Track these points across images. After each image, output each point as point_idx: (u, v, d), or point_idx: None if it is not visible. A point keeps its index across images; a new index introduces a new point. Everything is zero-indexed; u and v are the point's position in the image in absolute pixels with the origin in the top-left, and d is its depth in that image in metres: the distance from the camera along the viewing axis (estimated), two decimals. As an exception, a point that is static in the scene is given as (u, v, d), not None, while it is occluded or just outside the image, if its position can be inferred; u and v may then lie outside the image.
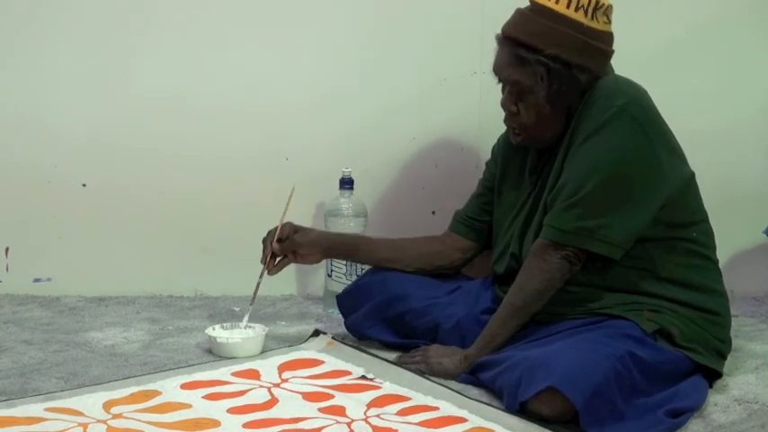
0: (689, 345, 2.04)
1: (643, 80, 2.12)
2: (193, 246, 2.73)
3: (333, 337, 2.31)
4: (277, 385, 2.04)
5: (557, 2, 2.07)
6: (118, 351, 2.27)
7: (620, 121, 2.03)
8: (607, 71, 2.12)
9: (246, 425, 1.84)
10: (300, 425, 1.85)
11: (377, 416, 1.89)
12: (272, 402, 1.96)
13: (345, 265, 2.56)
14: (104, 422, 1.83)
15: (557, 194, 2.07)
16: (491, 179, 2.34)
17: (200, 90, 2.68)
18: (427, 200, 2.75)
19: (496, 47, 2.16)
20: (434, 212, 2.73)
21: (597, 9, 2.07)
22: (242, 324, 2.29)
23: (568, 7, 2.07)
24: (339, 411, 1.91)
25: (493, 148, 2.38)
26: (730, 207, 2.69)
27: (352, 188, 2.60)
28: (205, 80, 2.68)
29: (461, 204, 2.40)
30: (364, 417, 1.88)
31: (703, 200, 2.17)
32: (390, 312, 2.29)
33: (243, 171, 2.71)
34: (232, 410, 1.90)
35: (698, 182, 2.15)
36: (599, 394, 1.80)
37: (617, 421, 1.82)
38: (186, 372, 2.10)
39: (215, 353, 2.24)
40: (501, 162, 2.31)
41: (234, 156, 2.71)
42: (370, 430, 1.83)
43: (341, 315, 2.40)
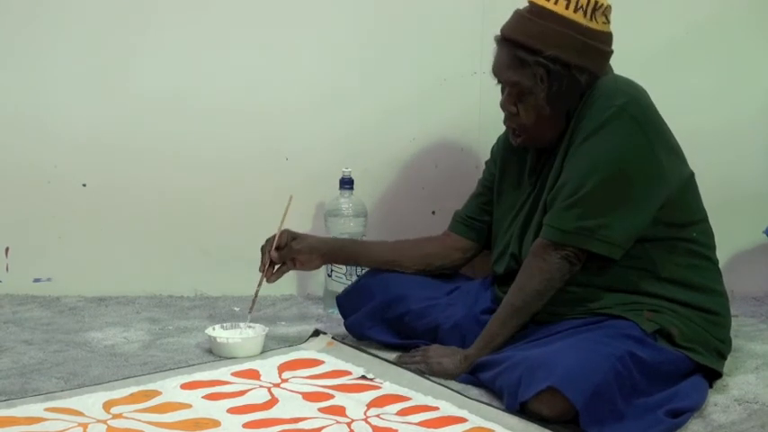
0: (689, 345, 2.04)
1: (643, 80, 2.12)
2: (193, 246, 2.73)
3: (333, 337, 2.31)
4: (277, 385, 2.04)
5: (555, 3, 2.07)
6: (118, 351, 2.27)
7: (619, 121, 2.03)
8: (606, 71, 2.12)
9: (246, 425, 1.84)
10: (300, 425, 1.85)
11: (377, 416, 1.89)
12: (272, 402, 1.96)
13: (345, 266, 2.56)
14: (104, 422, 1.83)
15: (556, 194, 2.07)
16: (490, 179, 2.34)
17: (200, 90, 2.68)
18: (427, 200, 2.75)
19: (495, 48, 2.16)
20: (434, 212, 2.73)
21: (596, 9, 2.07)
22: (242, 324, 2.29)
23: (567, 8, 2.07)
24: (339, 411, 1.90)
25: (492, 148, 2.38)
26: (730, 207, 2.68)
27: (352, 188, 2.60)
28: (205, 80, 2.68)
29: (461, 204, 2.40)
30: (364, 417, 1.88)
31: (703, 200, 2.16)
32: (390, 313, 2.29)
33: (243, 171, 2.71)
34: (232, 410, 1.90)
35: (698, 182, 2.14)
36: (599, 394, 1.80)
37: (617, 421, 1.82)
38: (186, 372, 2.10)
39: (215, 353, 2.24)
40: (500, 162, 2.31)
41: (234, 156, 2.71)
42: (370, 430, 1.83)
43: (341, 316, 2.40)
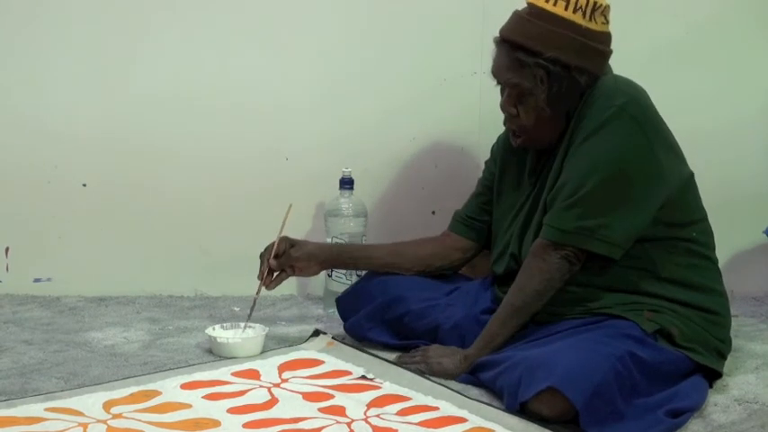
0: (689, 345, 2.04)
1: (643, 80, 2.12)
2: (193, 246, 2.73)
3: (333, 337, 2.31)
4: (277, 385, 2.04)
5: (555, 4, 2.07)
6: (118, 351, 2.27)
7: (619, 121, 2.03)
8: (606, 71, 2.12)
9: (246, 425, 1.84)
10: (300, 425, 1.85)
11: (377, 416, 1.89)
12: (272, 402, 1.96)
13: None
14: (104, 422, 1.82)
15: (556, 194, 2.07)
16: (490, 179, 2.34)
17: (200, 90, 2.68)
18: (427, 200, 2.75)
19: (494, 49, 2.15)
20: (434, 212, 2.73)
21: (595, 10, 2.07)
22: (242, 324, 2.28)
23: (566, 9, 2.06)
24: (339, 411, 1.90)
25: (492, 148, 2.38)
26: (730, 207, 2.69)
27: (352, 188, 2.60)
28: (205, 80, 2.68)
29: (461, 204, 2.40)
30: (364, 417, 1.88)
31: (703, 200, 2.16)
32: (389, 314, 2.28)
33: (243, 171, 2.71)
34: (232, 410, 1.90)
35: (698, 182, 2.14)
36: (599, 394, 1.80)
37: (617, 421, 1.82)
38: (186, 372, 2.10)
39: (215, 353, 2.24)
40: (500, 162, 2.31)
41: (234, 156, 2.71)
42: (370, 430, 1.83)
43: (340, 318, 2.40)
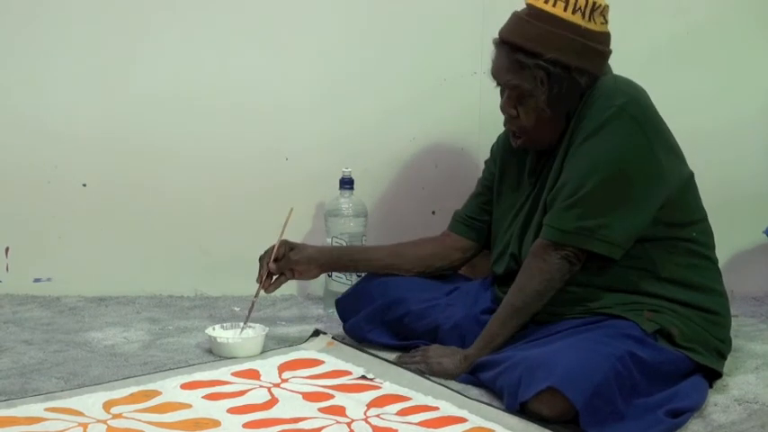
0: (689, 345, 2.04)
1: (643, 80, 2.12)
2: (193, 246, 2.73)
3: (333, 337, 2.31)
4: (277, 385, 2.04)
5: (554, 5, 2.06)
6: (118, 351, 2.27)
7: (619, 121, 2.03)
8: (605, 71, 2.12)
9: (246, 425, 1.84)
10: (300, 425, 1.85)
11: (377, 416, 1.89)
12: (272, 402, 1.96)
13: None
14: (104, 422, 1.82)
15: (556, 194, 2.07)
16: (490, 178, 2.34)
17: (200, 90, 2.68)
18: (427, 200, 2.75)
19: (493, 50, 2.15)
20: (434, 212, 2.73)
21: (594, 10, 2.07)
22: (242, 324, 2.28)
23: (566, 10, 2.06)
24: (339, 411, 1.90)
25: (492, 147, 2.38)
26: (730, 207, 2.69)
27: (352, 188, 2.59)
28: (205, 80, 2.68)
29: (461, 204, 2.40)
30: (364, 417, 1.88)
31: (703, 200, 2.16)
32: (389, 315, 2.28)
33: (243, 171, 2.71)
34: (232, 410, 1.90)
35: (698, 182, 2.14)
36: (599, 394, 1.80)
37: (617, 421, 1.82)
38: (186, 372, 2.10)
39: (215, 353, 2.24)
40: (500, 162, 2.31)
41: (234, 156, 2.71)
42: (370, 430, 1.83)
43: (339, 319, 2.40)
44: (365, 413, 1.90)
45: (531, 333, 2.08)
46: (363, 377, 2.09)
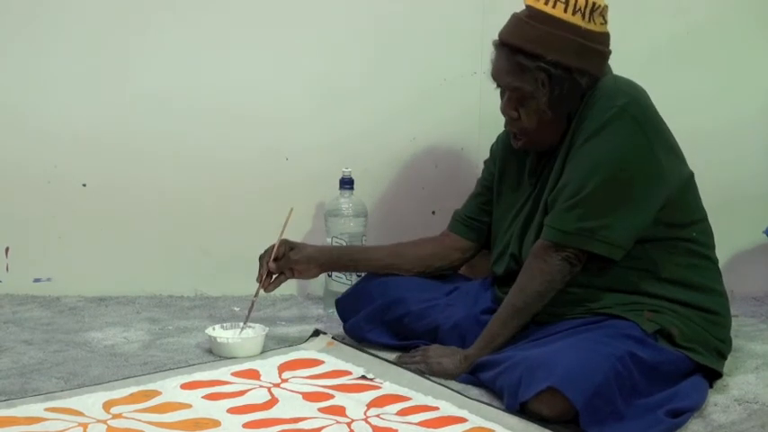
0: (689, 345, 2.03)
1: (643, 80, 2.12)
2: (193, 246, 2.72)
3: (333, 337, 2.31)
4: (277, 385, 2.04)
5: (554, 6, 2.06)
6: (118, 351, 2.27)
7: (620, 122, 2.03)
8: (605, 71, 2.12)
9: (246, 425, 1.84)
10: (300, 425, 1.85)
11: (377, 416, 1.89)
12: (272, 402, 1.96)
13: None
14: (104, 422, 1.82)
15: (557, 195, 2.07)
16: (490, 178, 2.34)
17: (200, 90, 2.68)
18: (427, 200, 2.75)
19: (493, 52, 2.15)
20: (434, 212, 2.73)
21: (594, 11, 2.07)
22: (242, 324, 2.28)
23: (566, 11, 2.06)
24: (339, 411, 1.90)
25: (492, 147, 2.38)
26: (730, 207, 2.69)
27: (352, 188, 2.59)
28: (205, 80, 2.68)
29: (461, 204, 2.40)
30: (364, 417, 1.88)
31: (703, 200, 2.16)
32: (389, 315, 2.28)
33: (243, 171, 2.71)
34: (232, 410, 1.90)
35: (698, 182, 2.14)
36: (599, 394, 1.80)
37: (617, 421, 1.82)
38: (186, 372, 2.10)
39: (215, 353, 2.24)
40: (500, 162, 2.31)
41: (234, 156, 2.71)
42: (370, 430, 1.83)
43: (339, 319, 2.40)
44: (365, 413, 1.90)
45: (532, 333, 2.08)
46: (363, 377, 2.09)
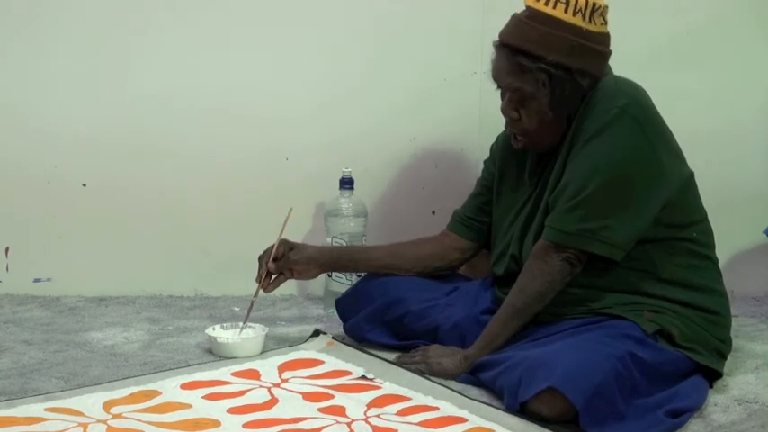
0: (689, 345, 2.03)
1: (643, 80, 2.12)
2: (193, 246, 2.72)
3: (333, 337, 2.31)
4: (277, 385, 2.04)
5: (554, 6, 2.06)
6: (118, 351, 2.27)
7: (621, 123, 2.02)
8: (606, 72, 2.12)
9: (246, 425, 1.84)
10: (300, 425, 1.85)
11: (377, 416, 1.89)
12: (272, 402, 1.96)
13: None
14: (104, 422, 1.82)
15: (558, 196, 2.07)
16: (489, 178, 2.34)
17: (200, 90, 2.68)
18: (427, 200, 2.75)
19: (493, 53, 2.15)
20: (434, 212, 2.73)
21: (594, 11, 2.06)
22: (241, 324, 2.28)
23: (566, 12, 2.05)
24: (339, 411, 1.90)
25: (492, 147, 2.38)
26: (730, 207, 2.69)
27: (352, 188, 2.60)
28: (205, 80, 2.68)
29: (461, 204, 2.40)
30: (364, 417, 1.88)
31: (703, 200, 2.16)
32: (389, 315, 2.28)
33: (243, 171, 2.71)
34: (232, 410, 1.90)
35: (698, 182, 2.14)
36: (599, 394, 1.80)
37: (617, 421, 1.82)
38: (186, 372, 2.10)
39: (215, 353, 2.24)
40: (500, 162, 2.31)
41: (234, 156, 2.71)
42: (370, 430, 1.83)
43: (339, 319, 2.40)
44: (365, 413, 1.90)
45: (532, 333, 2.08)
46: (363, 377, 2.09)
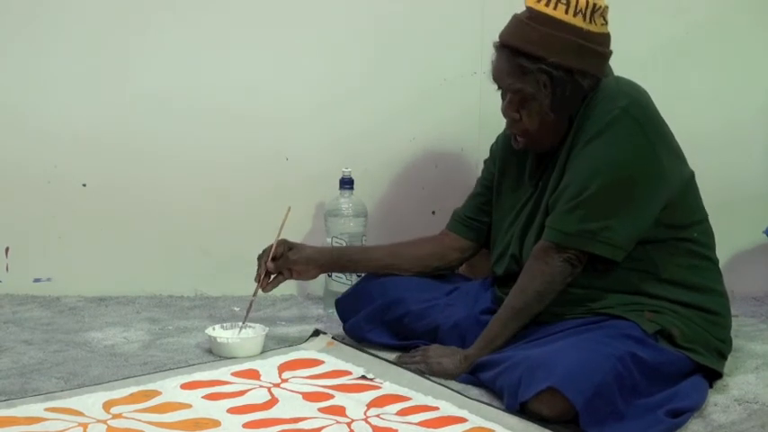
0: (689, 345, 2.03)
1: (643, 80, 2.12)
2: (193, 246, 2.72)
3: (333, 337, 2.31)
4: (277, 385, 2.04)
5: (555, 7, 2.05)
6: (118, 351, 2.27)
7: (622, 123, 2.02)
8: (606, 72, 2.12)
9: (246, 425, 1.84)
10: (300, 425, 1.85)
11: (377, 416, 1.89)
12: (272, 402, 1.96)
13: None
14: (104, 422, 1.82)
15: (559, 196, 2.07)
16: (489, 178, 2.34)
17: (200, 90, 2.68)
18: (427, 200, 2.75)
19: (493, 53, 2.15)
20: (434, 212, 2.73)
21: (594, 12, 2.06)
22: (241, 324, 2.28)
23: (567, 12, 2.05)
24: (339, 411, 1.90)
25: (492, 147, 2.37)
26: (730, 207, 2.69)
27: (352, 188, 2.60)
28: (205, 81, 2.68)
29: (461, 204, 2.40)
30: (364, 417, 1.88)
31: (703, 200, 2.17)
32: (389, 315, 2.28)
33: (243, 171, 2.71)
34: (232, 410, 1.90)
35: (698, 182, 2.14)
36: (599, 394, 1.80)
37: (617, 421, 1.82)
38: (186, 372, 2.10)
39: (215, 353, 2.24)
40: (500, 162, 2.31)
41: (234, 156, 2.70)
42: (370, 430, 1.83)
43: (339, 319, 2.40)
44: (365, 413, 1.90)
45: (532, 333, 2.07)
46: (363, 377, 2.09)
